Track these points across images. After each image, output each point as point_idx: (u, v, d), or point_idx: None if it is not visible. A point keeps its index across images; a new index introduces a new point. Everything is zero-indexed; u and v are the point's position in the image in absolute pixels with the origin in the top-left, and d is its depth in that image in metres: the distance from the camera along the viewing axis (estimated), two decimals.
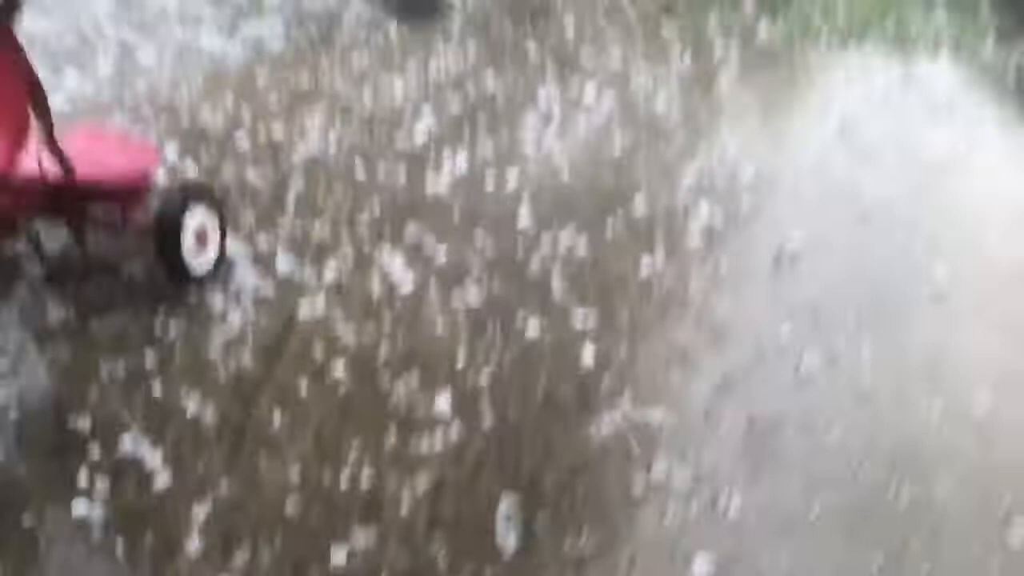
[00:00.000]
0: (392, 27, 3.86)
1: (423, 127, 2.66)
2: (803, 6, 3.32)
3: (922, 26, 3.18)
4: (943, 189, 2.33)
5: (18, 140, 1.74)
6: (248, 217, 2.26)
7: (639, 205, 2.32)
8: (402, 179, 2.45)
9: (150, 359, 1.84)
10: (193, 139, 2.58)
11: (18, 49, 1.73)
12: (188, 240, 1.97)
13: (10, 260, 2.05)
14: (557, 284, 2.08)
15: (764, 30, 3.23)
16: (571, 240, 2.20)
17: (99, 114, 2.64)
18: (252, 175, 2.43)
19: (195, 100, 2.80)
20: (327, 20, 4.03)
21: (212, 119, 2.69)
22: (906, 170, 2.40)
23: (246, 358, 1.85)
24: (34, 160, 1.82)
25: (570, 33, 3.15)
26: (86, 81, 2.95)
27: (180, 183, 2.18)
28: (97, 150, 2.02)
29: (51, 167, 1.85)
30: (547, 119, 2.68)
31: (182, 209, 1.96)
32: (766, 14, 3.31)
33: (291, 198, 2.36)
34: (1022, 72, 2.93)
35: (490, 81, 2.89)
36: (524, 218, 2.28)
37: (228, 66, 3.66)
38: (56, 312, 1.95)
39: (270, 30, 3.95)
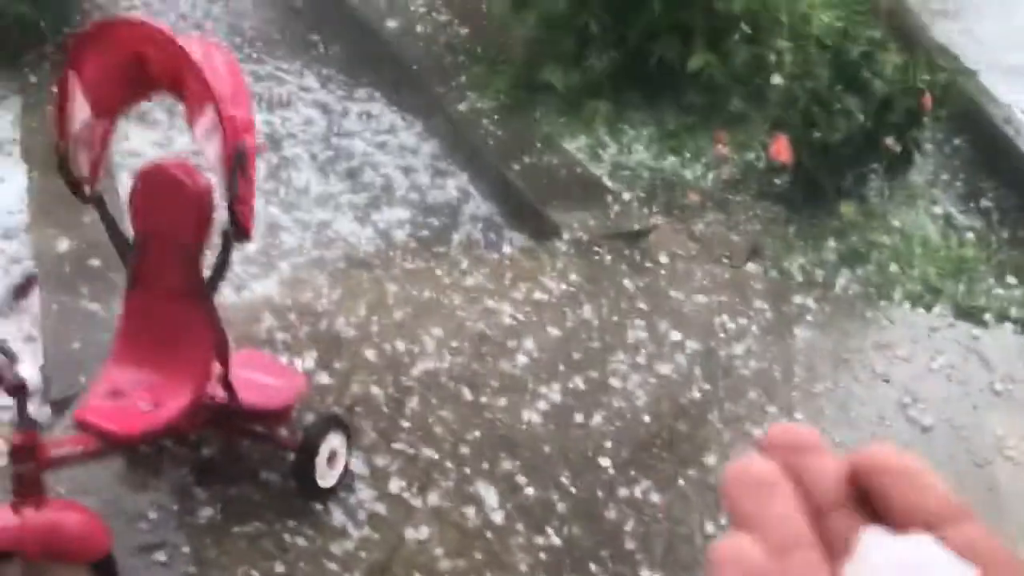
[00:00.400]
0: (503, 230, 4.32)
1: (524, 352, 3.02)
2: (882, 259, 3.62)
3: (990, 294, 3.43)
4: (990, 479, 2.55)
5: (202, 384, 2.16)
6: (369, 433, 2.64)
7: (710, 459, 2.61)
8: (503, 403, 2.80)
9: (279, 567, 2.19)
10: (327, 347, 3.01)
11: (212, 309, 2.16)
12: (322, 462, 2.35)
13: (156, 454, 2.44)
14: (629, 531, 2.36)
15: (843, 280, 3.53)
16: (646, 489, 2.49)
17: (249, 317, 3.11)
18: (375, 390, 2.82)
19: (332, 307, 3.24)
20: (448, 213, 4.53)
21: (345, 326, 3.12)
22: (955, 458, 2.63)
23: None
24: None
25: (662, 270, 3.50)
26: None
27: (323, 416, 2.54)
28: (255, 375, 2.44)
29: (221, 394, 2.26)
30: (635, 357, 3.01)
31: (321, 437, 2.34)
32: (847, 264, 3.61)
33: (407, 414, 2.73)
34: None
35: (587, 310, 3.26)
36: (606, 459, 2.59)
37: (359, 255, 4.16)
38: (202, 510, 2.33)
39: (398, 220, 4.47)
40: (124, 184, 3.26)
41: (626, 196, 4.09)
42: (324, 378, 2.87)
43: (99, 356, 3.00)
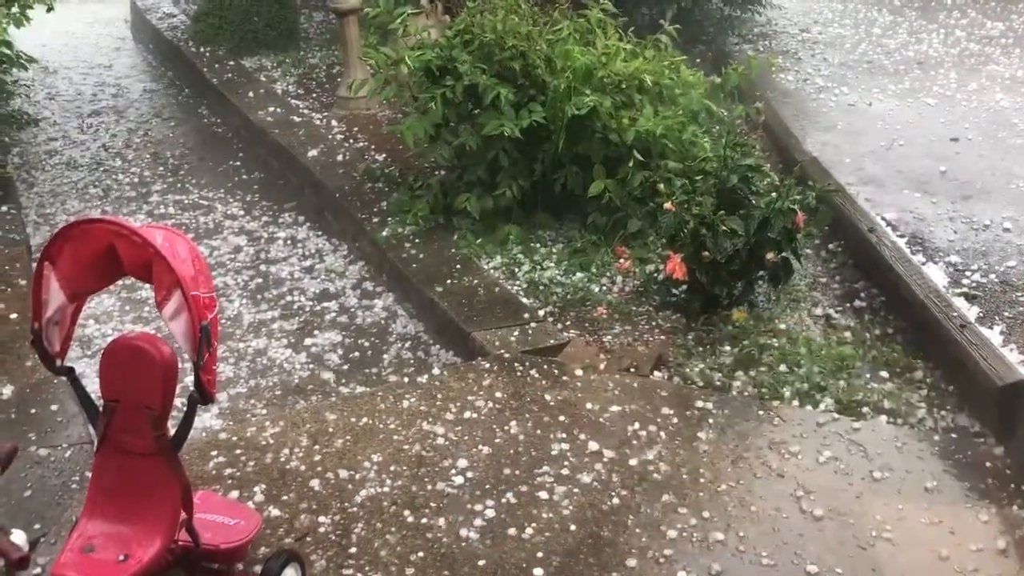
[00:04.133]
0: (432, 348, 4.61)
1: (459, 471, 3.30)
2: (772, 361, 4.04)
3: (867, 388, 3.87)
4: (874, 561, 2.92)
5: (170, 533, 2.38)
6: (319, 562, 2.86)
7: (631, 561, 2.91)
8: (442, 522, 3.06)
9: None
10: (274, 480, 3.23)
11: (178, 463, 2.40)
12: None
13: None
14: None
15: (739, 383, 3.94)
16: None
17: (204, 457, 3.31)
18: (323, 519, 3.05)
19: (275, 440, 3.47)
20: (378, 334, 4.80)
21: (290, 458, 3.36)
22: (844, 543, 2.99)
23: None
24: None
25: (578, 382, 3.85)
26: None
27: (278, 551, 2.76)
28: (213, 516, 2.65)
29: (185, 538, 2.48)
30: (559, 469, 3.32)
31: (278, 572, 2.57)
32: (741, 368, 4.03)
33: (354, 540, 2.96)
34: (950, 437, 3.58)
35: (514, 426, 3.57)
36: (539, 569, 2.86)
37: (296, 382, 4.38)
38: None
39: (331, 344, 4.72)
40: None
41: (541, 312, 4.46)
42: (274, 511, 3.09)
43: (51, 503, 3.18)
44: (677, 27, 5.45)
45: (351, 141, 6.50)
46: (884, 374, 3.98)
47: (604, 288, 4.68)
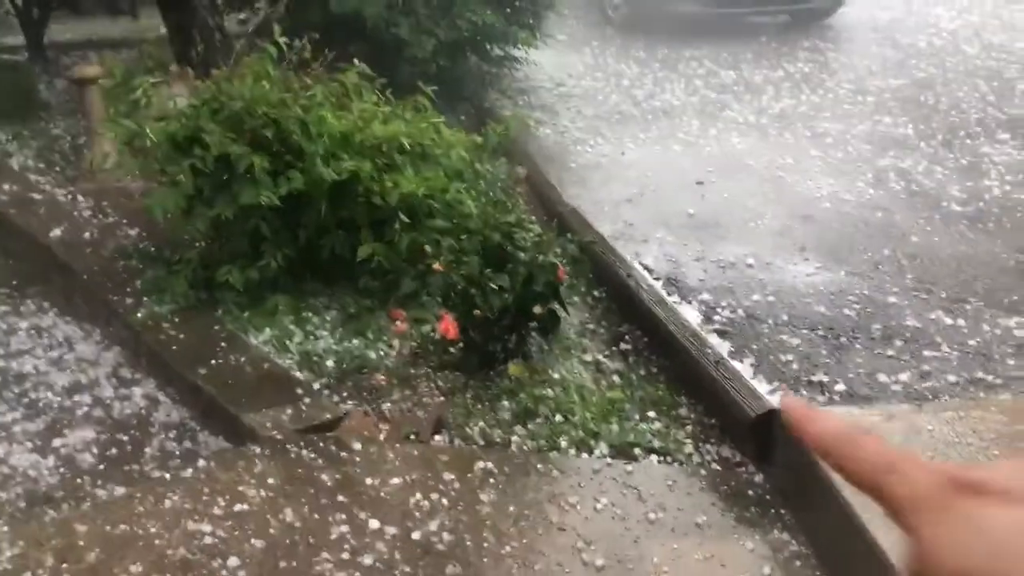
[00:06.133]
0: (198, 435, 4.33)
1: (230, 571, 3.07)
2: (548, 412, 4.11)
3: (637, 429, 4.02)
4: None
5: None
6: None
7: None
8: None
9: None
10: None
11: None
12: None
13: None
14: None
15: (518, 438, 3.96)
16: None
17: None
18: None
19: (13, 563, 3.09)
20: (138, 425, 4.45)
21: None
22: None
23: None
24: None
25: (357, 457, 3.73)
26: None
27: None
28: None
29: None
30: (339, 554, 3.17)
31: None
32: (520, 422, 4.06)
33: None
34: (715, 470, 3.77)
35: (289, 513, 3.39)
36: None
37: (42, 490, 3.96)
38: None
39: (83, 442, 4.32)
40: None
41: (316, 385, 4.30)
42: None
43: None
44: (435, 88, 5.52)
45: (100, 217, 6.05)
46: (652, 414, 4.15)
47: (382, 353, 4.60)
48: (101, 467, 4.11)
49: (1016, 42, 10.74)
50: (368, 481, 3.57)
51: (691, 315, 4.62)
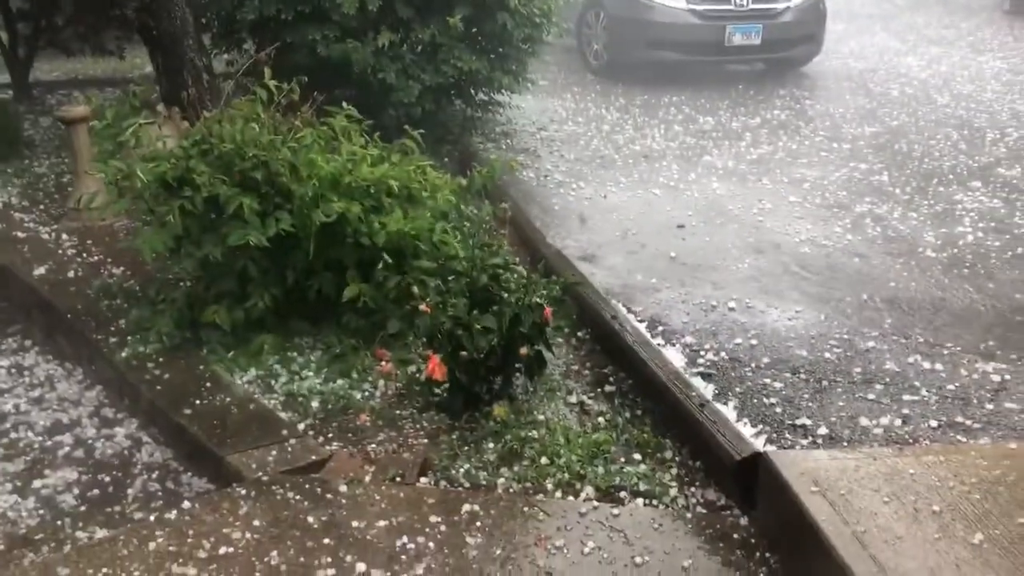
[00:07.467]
0: (182, 477, 4.30)
1: None
2: (534, 454, 4.12)
3: (623, 472, 4.04)
4: None
5: None
6: None
7: None
8: None
9: None
10: None
11: None
12: None
13: None
14: None
15: (503, 480, 3.97)
16: None
17: None
18: None
19: None
20: (120, 466, 4.42)
21: None
22: None
23: None
24: None
25: (343, 499, 3.72)
26: None
27: None
28: None
29: None
30: None
31: None
32: (505, 464, 4.07)
33: None
34: (701, 514, 3.80)
35: (274, 556, 3.37)
36: None
37: (22, 531, 3.91)
38: None
39: (65, 483, 4.28)
40: None
41: (301, 426, 4.30)
42: None
43: None
44: (421, 132, 5.59)
45: (84, 255, 6.05)
46: (637, 456, 4.17)
47: (367, 393, 4.61)
48: (83, 509, 4.08)
49: (984, 92, 11.05)
50: (354, 523, 3.57)
51: (675, 357, 4.67)
